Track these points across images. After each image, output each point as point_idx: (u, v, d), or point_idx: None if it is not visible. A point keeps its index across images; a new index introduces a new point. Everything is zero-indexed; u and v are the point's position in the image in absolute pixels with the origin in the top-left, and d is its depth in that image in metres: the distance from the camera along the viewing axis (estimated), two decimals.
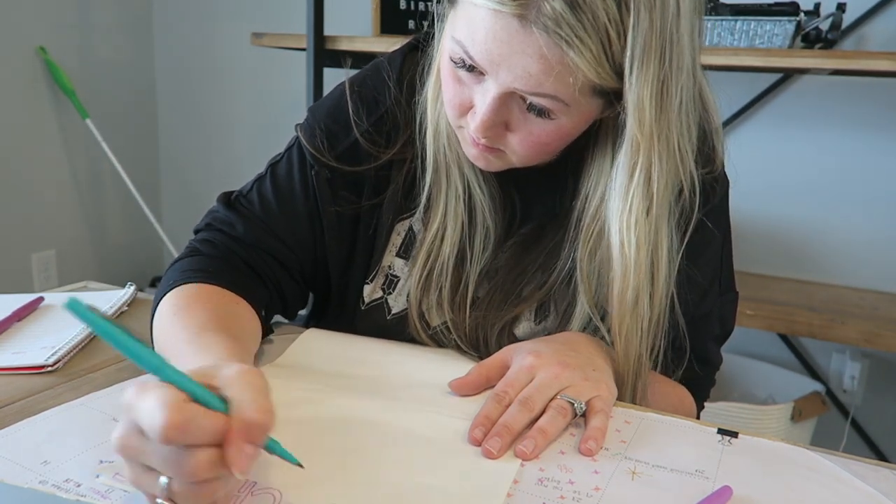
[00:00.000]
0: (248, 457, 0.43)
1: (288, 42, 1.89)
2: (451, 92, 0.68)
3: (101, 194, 2.59)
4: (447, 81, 0.68)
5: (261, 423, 0.44)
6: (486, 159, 0.70)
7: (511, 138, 0.67)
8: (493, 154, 0.69)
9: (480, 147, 0.69)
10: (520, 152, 0.68)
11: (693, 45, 0.65)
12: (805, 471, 0.58)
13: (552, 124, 0.65)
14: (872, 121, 1.79)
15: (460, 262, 0.78)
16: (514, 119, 0.66)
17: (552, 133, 0.66)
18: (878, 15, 1.74)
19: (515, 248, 0.78)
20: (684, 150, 0.67)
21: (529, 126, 0.66)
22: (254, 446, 0.43)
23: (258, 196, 0.80)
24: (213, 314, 0.65)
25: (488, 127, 0.65)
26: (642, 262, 0.67)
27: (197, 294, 0.69)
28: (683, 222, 0.72)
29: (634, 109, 0.62)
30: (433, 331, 0.79)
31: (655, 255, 0.68)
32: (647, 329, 0.69)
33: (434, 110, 0.76)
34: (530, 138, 0.66)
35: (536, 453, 0.57)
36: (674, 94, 0.63)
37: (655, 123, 0.62)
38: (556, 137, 0.66)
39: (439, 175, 0.77)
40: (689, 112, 0.67)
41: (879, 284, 1.85)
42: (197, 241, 0.78)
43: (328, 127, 0.79)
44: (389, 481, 0.52)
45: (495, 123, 0.66)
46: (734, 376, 1.92)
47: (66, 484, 0.49)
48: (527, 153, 0.68)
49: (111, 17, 2.53)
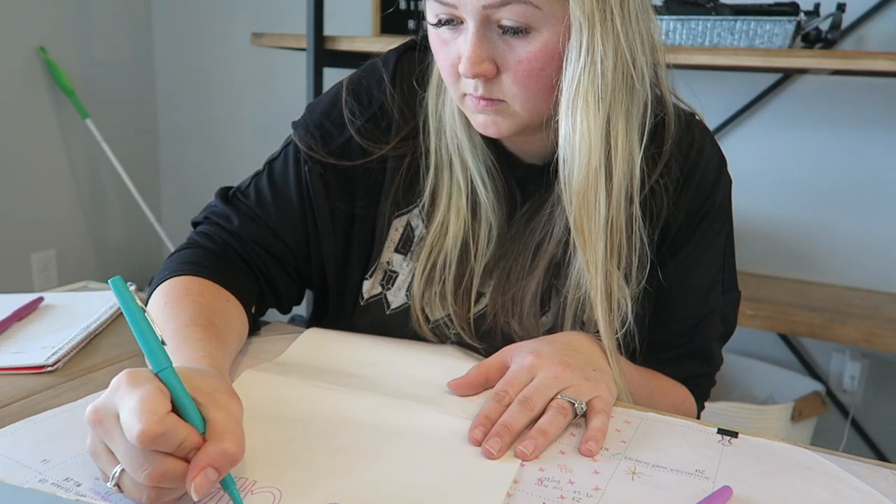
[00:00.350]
0: (210, 483, 0.45)
1: (288, 42, 1.89)
2: (441, 58, 0.70)
3: (101, 194, 2.59)
4: (437, 51, 0.70)
5: (232, 456, 0.46)
6: (493, 121, 0.70)
7: (505, 79, 0.68)
8: (497, 108, 0.69)
9: (483, 104, 0.69)
10: (517, 90, 0.68)
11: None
12: (805, 471, 0.58)
13: (536, 42, 0.65)
14: (872, 121, 1.79)
15: (463, 257, 0.78)
16: (499, 52, 0.67)
17: (539, 53, 0.66)
18: (878, 15, 1.74)
19: (517, 233, 0.79)
20: (634, 45, 0.67)
21: (516, 53, 0.66)
22: (217, 474, 0.45)
23: (254, 191, 0.81)
24: (202, 308, 0.67)
25: (476, 62, 0.66)
26: (595, 148, 0.67)
27: (189, 287, 0.71)
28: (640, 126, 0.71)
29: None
30: (434, 324, 0.79)
31: (609, 143, 0.68)
32: (604, 229, 0.69)
33: (435, 107, 0.77)
34: (521, 66, 0.66)
35: (537, 454, 0.57)
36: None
37: (597, 3, 0.63)
38: (544, 56, 0.66)
39: (441, 172, 0.78)
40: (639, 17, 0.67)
41: (879, 284, 1.86)
42: (196, 234, 0.81)
43: (323, 124, 0.80)
44: (389, 481, 0.52)
45: (481, 59, 0.66)
46: (734, 376, 1.92)
47: (66, 483, 0.49)
48: (524, 87, 0.67)
49: (111, 17, 2.53)
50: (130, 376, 0.46)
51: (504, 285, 0.78)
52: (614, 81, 0.66)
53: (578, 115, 0.66)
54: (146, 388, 0.45)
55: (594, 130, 0.66)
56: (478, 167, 0.77)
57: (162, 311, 0.67)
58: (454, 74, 0.69)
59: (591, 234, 0.69)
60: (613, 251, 0.70)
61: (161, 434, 0.43)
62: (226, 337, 0.66)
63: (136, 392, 0.45)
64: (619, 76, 0.67)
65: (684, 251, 0.77)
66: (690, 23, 1.58)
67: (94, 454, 0.47)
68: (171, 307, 0.67)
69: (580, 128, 0.66)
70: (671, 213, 0.75)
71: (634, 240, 0.72)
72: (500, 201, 0.78)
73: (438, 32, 0.69)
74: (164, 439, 0.43)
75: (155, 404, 0.44)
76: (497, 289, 0.78)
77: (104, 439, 0.46)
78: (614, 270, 0.71)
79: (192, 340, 0.61)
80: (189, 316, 0.65)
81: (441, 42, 0.69)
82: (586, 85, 0.65)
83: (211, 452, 0.45)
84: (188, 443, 0.45)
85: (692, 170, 0.76)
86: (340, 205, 0.80)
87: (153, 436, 0.43)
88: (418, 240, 0.80)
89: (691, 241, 0.77)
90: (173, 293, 0.70)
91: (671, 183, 0.75)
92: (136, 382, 0.46)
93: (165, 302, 0.68)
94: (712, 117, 1.89)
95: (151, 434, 0.43)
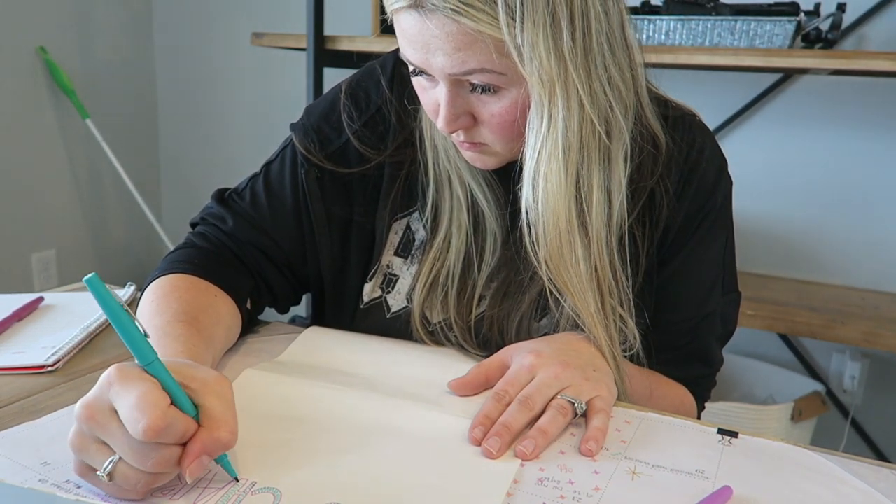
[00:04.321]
0: (203, 467, 0.48)
1: (288, 42, 1.88)
2: (424, 101, 0.71)
3: (101, 194, 2.59)
4: (420, 95, 0.71)
5: (225, 443, 0.49)
6: (480, 158, 0.72)
7: (483, 129, 0.69)
8: (481, 149, 0.71)
9: (467, 147, 0.71)
10: (496, 138, 0.69)
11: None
12: (805, 471, 0.58)
13: (506, 99, 0.66)
14: (872, 121, 1.79)
15: (466, 270, 0.79)
16: (474, 107, 0.67)
17: (510, 108, 0.66)
18: (878, 15, 1.74)
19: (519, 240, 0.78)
20: (604, 95, 0.66)
21: (490, 108, 0.67)
22: (210, 459, 0.48)
23: (250, 193, 0.82)
24: (187, 305, 0.68)
25: (451, 120, 0.67)
26: (562, 210, 0.66)
27: (177, 285, 0.72)
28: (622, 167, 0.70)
29: (529, 62, 0.61)
30: (433, 328, 0.79)
31: (581, 197, 0.68)
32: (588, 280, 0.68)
33: (429, 124, 0.77)
34: (494, 120, 0.67)
35: (536, 453, 0.57)
36: (566, 33, 0.61)
37: (557, 70, 0.62)
38: (516, 110, 0.66)
39: (441, 186, 0.78)
40: (605, 53, 0.65)
41: (879, 284, 1.86)
42: (192, 235, 0.82)
43: (320, 128, 0.81)
44: (389, 480, 0.52)
45: (457, 115, 0.67)
46: (734, 376, 1.92)
47: (65, 485, 0.49)
48: (501, 136, 0.68)
49: (111, 17, 2.53)
50: (121, 372, 0.48)
51: (504, 296, 0.78)
52: (581, 140, 0.66)
53: (541, 182, 0.66)
54: (144, 383, 0.47)
55: (561, 192, 0.66)
56: (476, 180, 0.77)
57: (148, 308, 0.68)
58: (435, 115, 0.70)
59: (577, 289, 0.68)
60: (605, 298, 0.70)
61: (165, 427, 0.46)
62: (211, 331, 0.67)
63: (133, 388, 0.47)
64: (587, 134, 0.66)
65: (684, 252, 0.77)
66: (690, 23, 1.58)
67: (80, 448, 0.48)
68: (157, 304, 0.68)
69: (542, 195, 0.66)
70: (671, 214, 0.75)
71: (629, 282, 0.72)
72: (501, 210, 0.78)
73: (417, 80, 0.70)
74: (168, 432, 0.46)
75: (156, 398, 0.47)
76: (497, 297, 0.78)
77: (97, 433, 0.47)
78: (611, 314, 0.70)
79: (172, 336, 0.62)
80: (173, 312, 0.66)
81: (422, 89, 0.70)
82: (549, 150, 0.65)
83: (205, 440, 0.48)
84: (186, 430, 0.48)
85: (692, 171, 0.75)
86: (337, 209, 0.81)
87: (158, 429, 0.45)
88: (419, 244, 0.80)
89: (691, 241, 0.77)
90: (160, 291, 0.71)
91: (671, 184, 0.75)
92: (130, 378, 0.48)
93: (152, 300, 0.69)
94: (712, 117, 1.89)
95: (156, 428, 0.45)
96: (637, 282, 0.74)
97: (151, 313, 0.67)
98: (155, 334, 0.62)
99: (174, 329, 0.63)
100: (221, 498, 0.49)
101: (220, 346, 0.69)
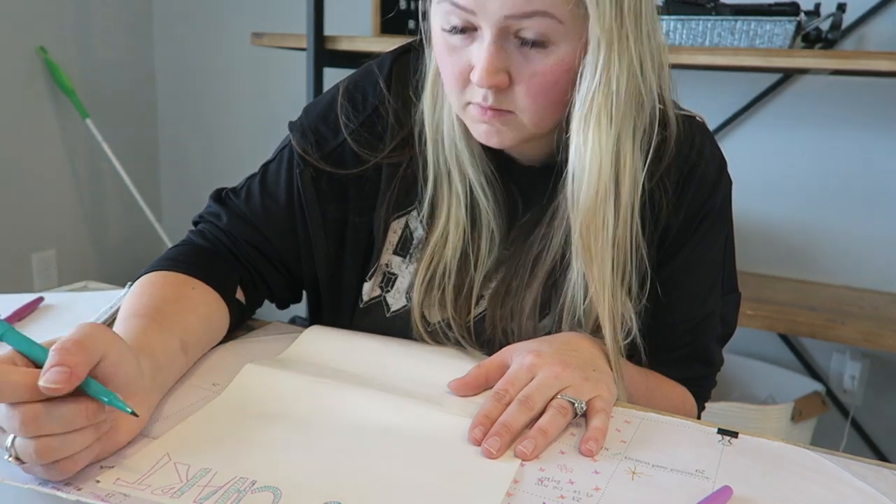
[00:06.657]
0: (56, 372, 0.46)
1: (288, 42, 1.89)
2: (448, 65, 0.69)
3: (101, 194, 2.59)
4: (443, 57, 0.69)
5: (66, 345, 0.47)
6: (497, 131, 0.70)
7: (517, 91, 0.67)
8: (504, 120, 0.69)
9: (489, 115, 0.68)
10: (529, 104, 0.67)
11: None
12: (805, 471, 0.58)
13: (553, 56, 0.65)
14: (872, 121, 1.79)
15: (463, 267, 0.78)
16: (514, 64, 0.66)
17: (555, 67, 0.65)
18: (878, 15, 1.74)
19: (518, 240, 0.78)
20: (645, 63, 0.67)
21: (532, 66, 0.65)
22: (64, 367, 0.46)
23: (245, 191, 0.83)
24: (152, 300, 0.69)
25: (492, 73, 0.65)
26: (605, 166, 0.67)
27: (152, 282, 0.73)
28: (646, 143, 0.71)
29: (595, 7, 0.62)
30: (433, 327, 0.79)
31: (619, 162, 0.68)
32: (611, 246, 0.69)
33: (432, 116, 0.76)
34: (535, 80, 0.66)
35: (536, 453, 0.57)
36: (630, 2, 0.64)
37: (615, 22, 0.63)
38: (559, 71, 0.66)
39: (440, 181, 0.78)
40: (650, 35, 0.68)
41: (879, 284, 1.85)
42: (191, 232, 0.83)
43: (318, 128, 0.81)
44: (389, 480, 0.52)
45: (498, 70, 0.65)
46: (734, 376, 1.92)
47: (66, 487, 0.49)
48: (535, 100, 0.67)
49: (111, 17, 2.53)
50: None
51: (504, 296, 0.78)
52: (626, 100, 0.66)
53: (591, 133, 0.66)
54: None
55: (605, 149, 0.66)
56: (477, 177, 0.76)
57: (124, 305, 0.69)
58: (460, 82, 0.68)
59: (598, 252, 0.69)
60: (619, 268, 0.71)
61: None
62: (174, 320, 0.67)
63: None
64: (630, 94, 0.67)
65: (684, 252, 0.77)
66: (690, 23, 1.58)
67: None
68: (130, 301, 0.69)
69: (591, 146, 0.66)
70: (671, 214, 0.75)
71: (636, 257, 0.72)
72: (500, 207, 0.78)
73: (448, 39, 0.68)
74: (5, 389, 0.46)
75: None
76: (496, 298, 0.78)
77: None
78: (619, 287, 0.71)
79: (125, 332, 0.62)
80: (134, 308, 0.67)
81: (449, 49, 0.68)
82: (600, 103, 0.65)
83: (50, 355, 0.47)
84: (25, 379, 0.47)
85: (692, 171, 0.75)
86: (333, 209, 0.81)
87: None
88: (417, 242, 0.80)
89: (691, 242, 0.77)
90: (138, 289, 0.72)
91: (671, 184, 0.75)
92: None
93: (129, 297, 0.70)
94: (712, 117, 1.89)
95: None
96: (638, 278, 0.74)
97: (122, 312, 0.68)
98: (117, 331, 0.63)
99: (128, 325, 0.64)
100: (221, 497, 0.49)
101: (192, 330, 0.69)
